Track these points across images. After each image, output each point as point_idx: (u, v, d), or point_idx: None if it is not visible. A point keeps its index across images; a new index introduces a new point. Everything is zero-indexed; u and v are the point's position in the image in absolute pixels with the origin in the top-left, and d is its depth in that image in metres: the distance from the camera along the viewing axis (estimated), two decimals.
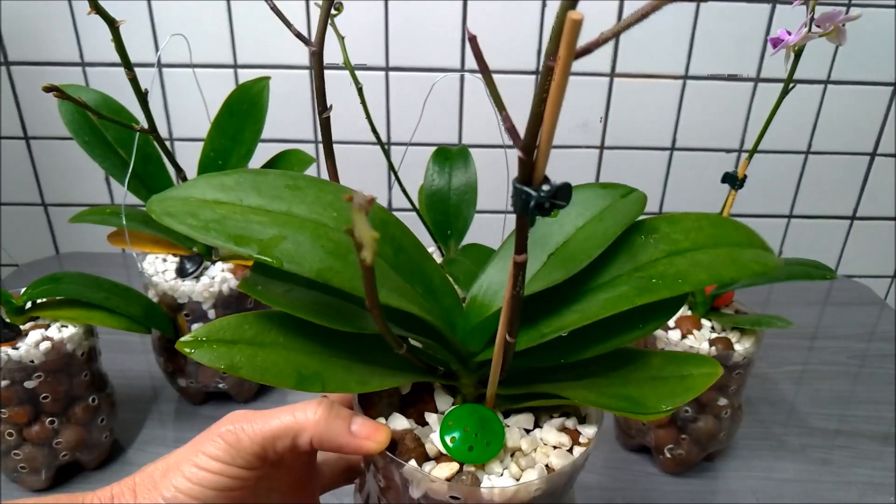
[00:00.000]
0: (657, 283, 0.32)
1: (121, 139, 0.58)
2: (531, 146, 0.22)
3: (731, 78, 0.86)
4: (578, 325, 0.32)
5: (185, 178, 0.58)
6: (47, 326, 0.53)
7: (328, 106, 0.38)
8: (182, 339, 0.29)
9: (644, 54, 0.85)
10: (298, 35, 0.37)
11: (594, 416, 0.35)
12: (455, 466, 0.31)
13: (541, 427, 0.34)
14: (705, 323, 0.57)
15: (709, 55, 0.85)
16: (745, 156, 0.86)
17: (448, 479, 0.30)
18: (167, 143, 0.89)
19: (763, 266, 0.33)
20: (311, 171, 0.65)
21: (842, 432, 0.66)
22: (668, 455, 0.59)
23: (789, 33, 0.49)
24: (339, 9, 0.51)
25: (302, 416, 0.30)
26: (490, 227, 0.93)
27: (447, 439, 0.31)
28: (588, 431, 0.34)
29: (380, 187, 0.91)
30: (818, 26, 0.48)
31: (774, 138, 0.90)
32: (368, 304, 0.26)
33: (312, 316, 0.30)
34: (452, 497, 0.30)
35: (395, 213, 0.34)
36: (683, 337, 0.55)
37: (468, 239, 0.64)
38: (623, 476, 0.60)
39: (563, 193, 0.23)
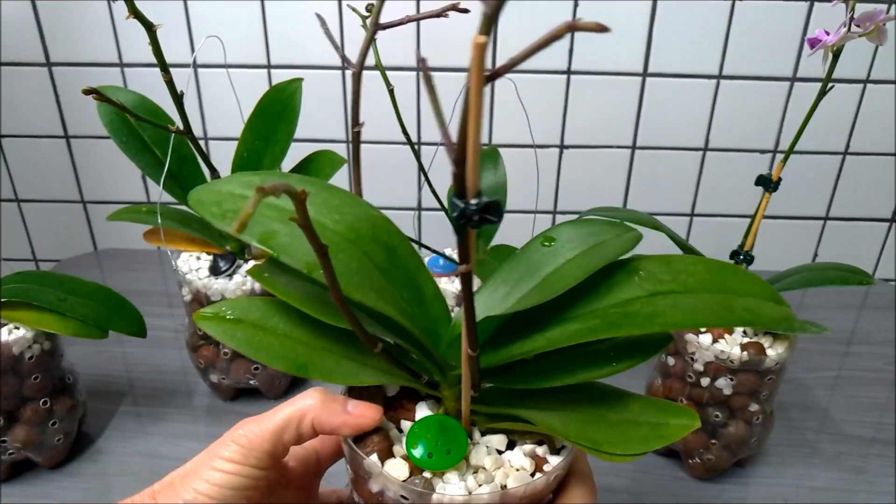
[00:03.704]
0: (627, 321, 0.32)
1: (157, 139, 0.59)
2: (462, 159, 0.22)
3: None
4: (544, 350, 0.33)
5: (218, 179, 0.59)
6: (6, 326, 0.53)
7: (361, 122, 0.40)
8: (199, 311, 0.33)
9: (677, 53, 0.84)
10: (344, 58, 0.40)
11: (567, 449, 0.34)
12: (414, 469, 0.32)
13: (512, 450, 0.34)
14: (737, 327, 0.56)
15: (744, 54, 0.84)
16: (779, 156, 0.84)
17: (403, 481, 0.31)
18: (202, 143, 0.91)
19: (756, 316, 0.31)
20: (342, 171, 0.66)
21: (878, 441, 0.64)
22: (698, 460, 0.58)
23: (827, 33, 0.48)
24: (371, 10, 0.51)
25: (302, 403, 0.32)
26: (519, 228, 0.93)
27: (411, 445, 0.32)
28: (554, 461, 0.33)
29: (410, 187, 0.91)
30: (858, 26, 0.47)
31: (811, 138, 0.88)
32: (332, 295, 0.27)
33: (302, 305, 0.32)
34: (402, 497, 0.31)
35: (424, 213, 0.35)
36: (714, 341, 0.54)
37: (497, 240, 0.64)
38: (651, 480, 0.59)
39: (494, 209, 0.23)
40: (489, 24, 0.19)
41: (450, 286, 0.66)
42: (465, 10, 0.38)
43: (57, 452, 0.58)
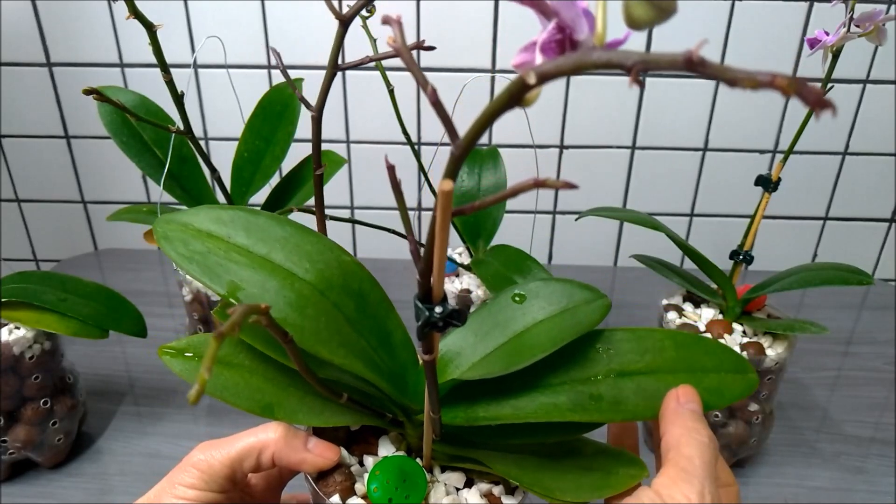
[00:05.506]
0: (592, 406, 0.32)
1: (157, 140, 0.59)
2: (428, 272, 0.24)
3: None
4: (510, 422, 0.33)
5: (219, 179, 0.59)
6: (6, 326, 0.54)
7: (323, 164, 0.41)
8: (164, 346, 0.32)
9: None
10: (304, 102, 0.41)
11: (520, 490, 0.35)
12: None
13: (470, 488, 0.35)
14: (736, 327, 0.56)
15: (744, 55, 0.84)
16: (779, 156, 0.84)
17: None
18: (202, 143, 0.91)
19: (719, 398, 0.32)
20: (342, 172, 0.66)
21: (878, 440, 0.64)
22: None
23: (827, 34, 0.48)
24: (372, 11, 0.51)
25: (263, 435, 0.32)
26: (519, 227, 0.93)
27: (372, 487, 0.32)
28: (508, 502, 0.34)
29: (409, 187, 0.91)
30: (857, 26, 0.47)
31: (810, 139, 0.88)
32: (300, 370, 0.28)
33: (267, 348, 0.31)
34: None
35: (424, 213, 0.35)
36: None
37: (497, 240, 0.64)
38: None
39: (458, 315, 0.25)
40: (455, 166, 0.20)
41: (450, 286, 0.66)
42: (432, 48, 0.39)
43: (57, 452, 0.58)
